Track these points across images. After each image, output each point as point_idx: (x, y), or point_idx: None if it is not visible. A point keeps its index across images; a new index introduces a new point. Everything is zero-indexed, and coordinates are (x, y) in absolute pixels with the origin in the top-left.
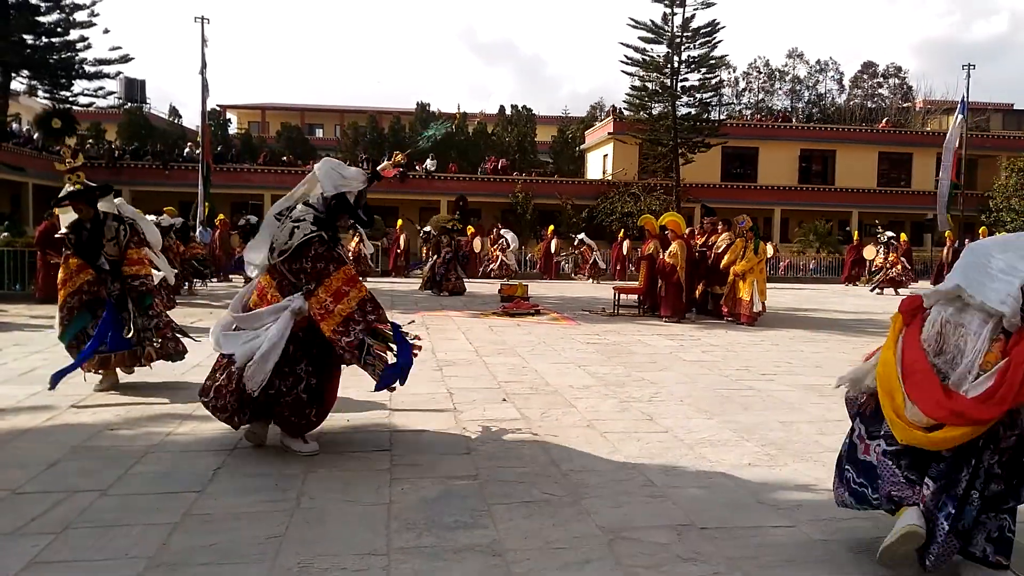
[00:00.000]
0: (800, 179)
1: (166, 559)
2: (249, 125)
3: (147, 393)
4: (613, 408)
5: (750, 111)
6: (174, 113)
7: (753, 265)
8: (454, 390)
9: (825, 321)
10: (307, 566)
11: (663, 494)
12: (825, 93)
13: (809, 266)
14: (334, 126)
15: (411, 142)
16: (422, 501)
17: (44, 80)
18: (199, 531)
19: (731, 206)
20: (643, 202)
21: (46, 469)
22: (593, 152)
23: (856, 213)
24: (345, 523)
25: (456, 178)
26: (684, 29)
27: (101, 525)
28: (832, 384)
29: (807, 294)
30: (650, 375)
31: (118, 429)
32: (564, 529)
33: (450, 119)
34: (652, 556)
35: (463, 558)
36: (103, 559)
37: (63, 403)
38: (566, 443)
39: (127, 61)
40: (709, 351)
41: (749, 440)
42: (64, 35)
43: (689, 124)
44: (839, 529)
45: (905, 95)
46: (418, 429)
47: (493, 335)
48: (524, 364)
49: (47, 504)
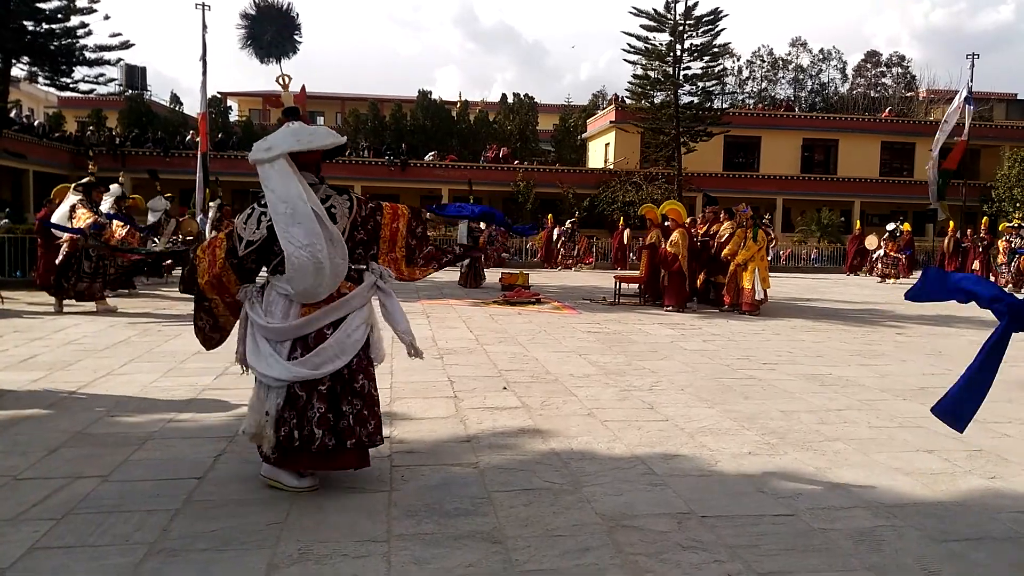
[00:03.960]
0: (802, 168)
1: (167, 545)
2: (250, 113)
3: (147, 381)
4: (613, 397)
5: (752, 100)
6: (175, 100)
7: (753, 253)
8: (455, 378)
9: (827, 311)
10: (307, 552)
11: (663, 482)
12: (828, 82)
13: (811, 255)
14: (335, 114)
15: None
16: (422, 488)
17: (45, 67)
18: (200, 517)
19: (733, 195)
20: (645, 191)
21: (47, 455)
22: (595, 141)
23: (858, 203)
24: (345, 510)
25: (457, 166)
26: (687, 17)
27: (102, 511)
28: (832, 373)
29: (809, 283)
30: (651, 364)
31: (119, 416)
32: (564, 517)
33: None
34: (652, 544)
35: (463, 545)
36: (104, 544)
37: (63, 389)
38: (566, 431)
39: (128, 48)
40: (710, 340)
41: (749, 429)
42: (65, 21)
43: (691, 113)
44: (838, 518)
45: (908, 85)
46: (419, 417)
47: (494, 323)
48: (525, 352)
49: (48, 490)
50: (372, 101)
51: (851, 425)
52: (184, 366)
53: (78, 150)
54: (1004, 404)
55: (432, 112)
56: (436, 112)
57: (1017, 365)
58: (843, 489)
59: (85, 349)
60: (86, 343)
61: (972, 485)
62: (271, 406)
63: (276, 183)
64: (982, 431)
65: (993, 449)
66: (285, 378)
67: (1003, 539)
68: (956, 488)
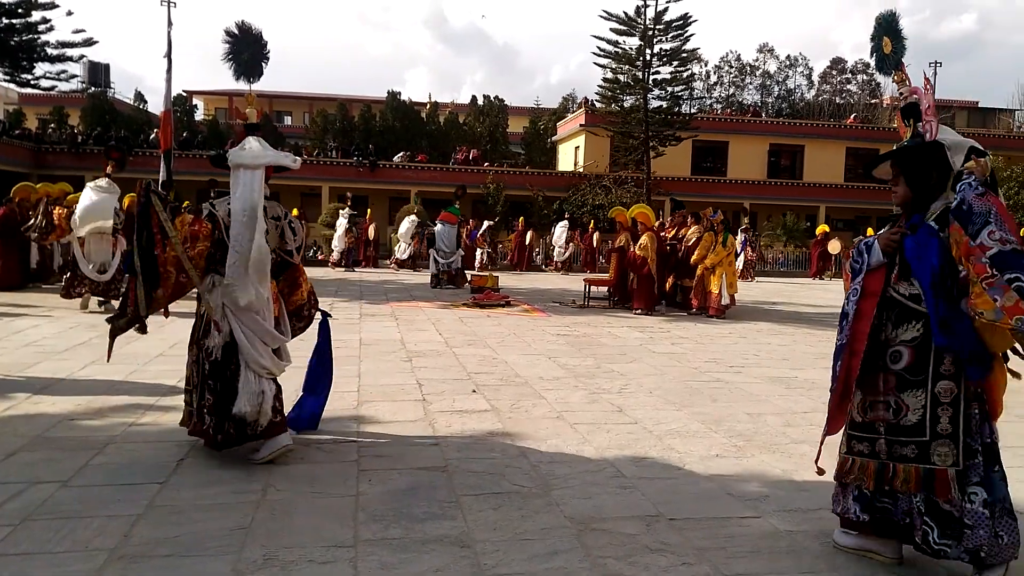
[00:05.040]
0: (769, 173)
1: (128, 551)
2: (216, 112)
3: (108, 384)
4: (583, 399)
5: (720, 105)
6: (139, 98)
7: (722, 258)
8: (423, 381)
9: (792, 314)
10: (272, 558)
11: (632, 485)
12: (794, 88)
13: (777, 259)
14: (303, 114)
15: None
16: (390, 492)
17: (4, 62)
18: (162, 523)
19: (701, 199)
20: (614, 194)
21: (4, 460)
22: (565, 144)
23: (823, 208)
24: (312, 514)
25: (427, 168)
26: (656, 22)
27: (61, 516)
28: (797, 376)
29: (775, 287)
30: (619, 367)
31: (79, 420)
32: (533, 520)
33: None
34: (621, 547)
35: (431, 549)
36: (63, 551)
37: (22, 393)
38: (535, 435)
39: (91, 44)
40: (678, 343)
41: (717, 432)
42: (26, 16)
43: (660, 117)
44: (805, 520)
45: (873, 92)
46: (386, 420)
47: (463, 326)
48: (494, 355)
49: (5, 495)
50: (341, 101)
51: (817, 428)
52: (146, 368)
53: (39, 148)
54: None
55: (402, 113)
56: (406, 113)
57: None
58: (809, 491)
59: (44, 351)
60: (46, 345)
61: None
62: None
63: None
64: None
65: None
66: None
67: None
68: None
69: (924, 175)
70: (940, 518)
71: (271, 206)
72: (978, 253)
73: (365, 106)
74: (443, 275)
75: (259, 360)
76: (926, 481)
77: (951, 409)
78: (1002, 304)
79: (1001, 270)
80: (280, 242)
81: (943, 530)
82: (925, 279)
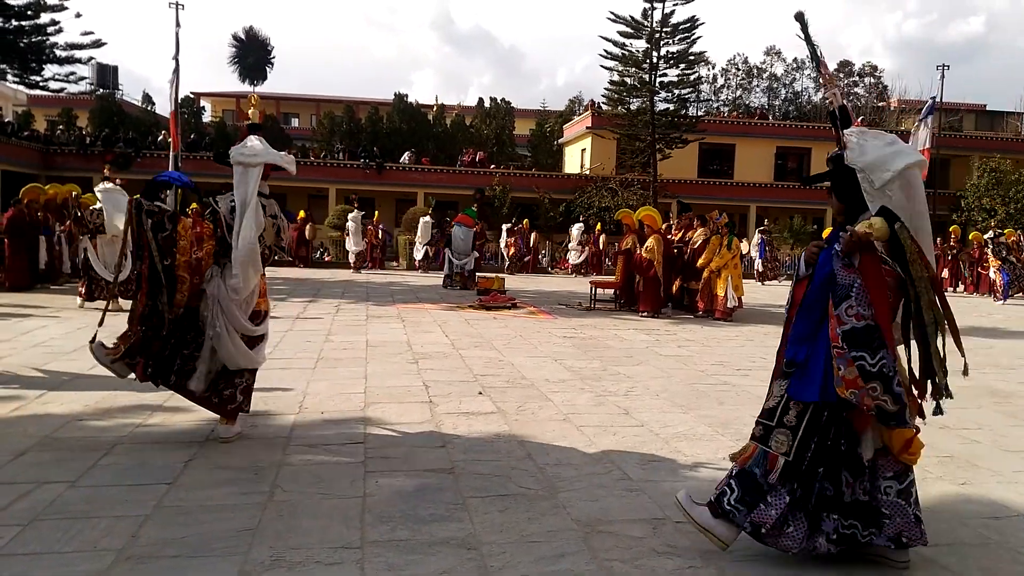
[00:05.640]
0: (776, 176)
1: (135, 552)
2: (223, 114)
3: (116, 384)
4: (589, 402)
5: (727, 108)
6: (147, 100)
7: (727, 261)
8: (430, 383)
9: None
10: (279, 559)
11: (639, 488)
12: (802, 91)
13: (784, 262)
14: (310, 116)
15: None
16: (397, 494)
17: (13, 64)
18: (170, 524)
19: (707, 202)
20: (620, 197)
21: (12, 460)
22: (571, 146)
23: (830, 211)
24: (318, 516)
25: (433, 170)
26: (664, 25)
27: (69, 517)
28: None
29: (782, 290)
30: (626, 369)
31: (87, 420)
32: (539, 523)
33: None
34: (628, 550)
35: (438, 551)
36: (71, 551)
37: (31, 393)
38: (542, 437)
39: (100, 46)
40: (685, 346)
41: (724, 435)
42: (34, 18)
43: (667, 120)
44: None
45: (880, 94)
46: (393, 422)
47: (469, 328)
48: (500, 357)
49: (14, 495)
50: (347, 103)
51: None
52: None
53: (47, 149)
54: (974, 411)
55: (408, 115)
56: (412, 115)
57: (985, 372)
58: None
59: (53, 351)
60: (54, 345)
61: (942, 491)
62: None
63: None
64: (952, 437)
65: (963, 455)
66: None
67: (973, 544)
68: (926, 494)
69: (849, 190)
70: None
71: (269, 204)
72: (835, 324)
73: (372, 108)
74: (456, 276)
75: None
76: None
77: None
78: (843, 375)
79: (850, 346)
80: (276, 239)
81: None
82: (807, 295)
